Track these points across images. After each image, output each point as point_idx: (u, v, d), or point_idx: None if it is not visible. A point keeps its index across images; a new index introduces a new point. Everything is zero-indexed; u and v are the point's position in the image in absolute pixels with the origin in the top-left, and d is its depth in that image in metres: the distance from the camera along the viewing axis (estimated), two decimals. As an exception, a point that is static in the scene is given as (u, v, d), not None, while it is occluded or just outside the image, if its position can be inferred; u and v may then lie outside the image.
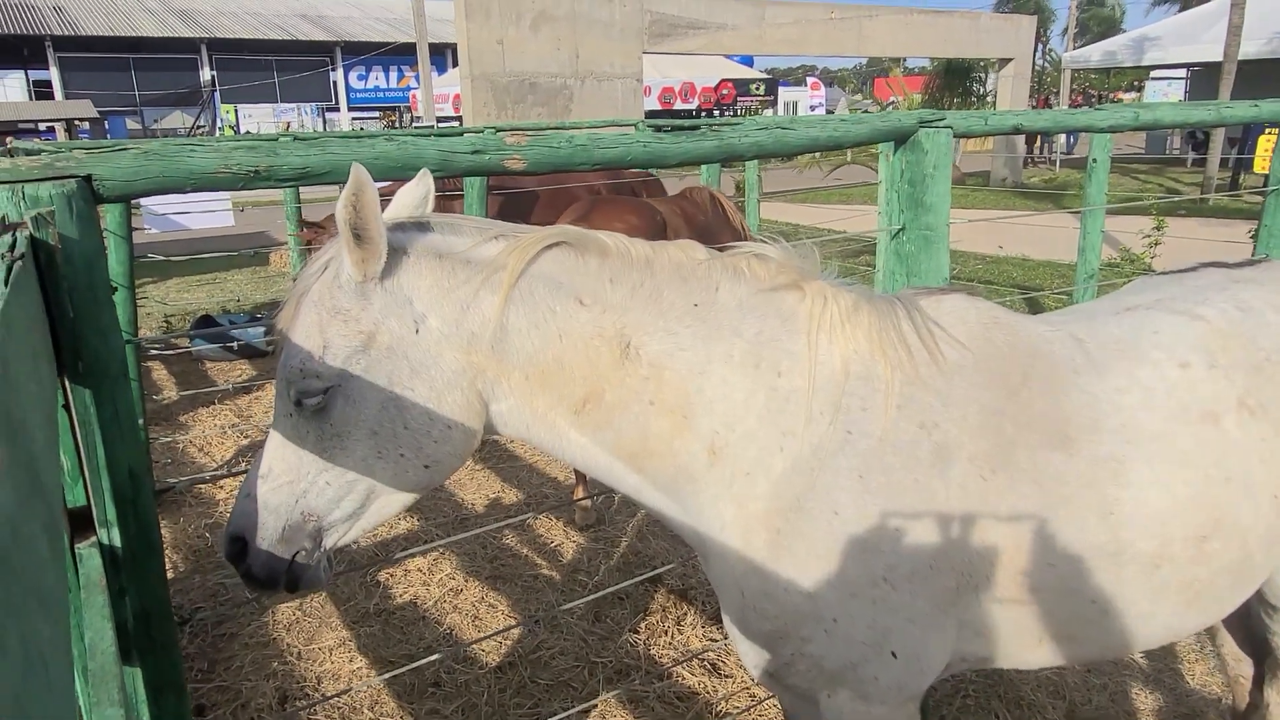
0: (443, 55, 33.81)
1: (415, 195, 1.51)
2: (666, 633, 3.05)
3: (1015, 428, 1.48)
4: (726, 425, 1.42)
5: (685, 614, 3.17)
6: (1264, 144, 14.15)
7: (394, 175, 1.46)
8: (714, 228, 3.98)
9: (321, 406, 1.31)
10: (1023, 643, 1.55)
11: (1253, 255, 3.52)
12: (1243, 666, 2.07)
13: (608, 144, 1.60)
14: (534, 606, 3.27)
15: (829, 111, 34.00)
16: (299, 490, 1.37)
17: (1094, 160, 4.87)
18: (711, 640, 3.00)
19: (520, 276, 1.36)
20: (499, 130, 9.15)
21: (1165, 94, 27.60)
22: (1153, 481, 1.48)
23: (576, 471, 3.86)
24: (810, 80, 43.16)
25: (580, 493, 3.83)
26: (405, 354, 1.33)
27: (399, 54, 35.48)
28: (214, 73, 35.26)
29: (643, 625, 3.11)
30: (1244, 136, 15.05)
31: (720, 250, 1.53)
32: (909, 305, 1.54)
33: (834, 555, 1.41)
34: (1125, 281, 6.03)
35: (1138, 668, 2.76)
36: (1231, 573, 1.55)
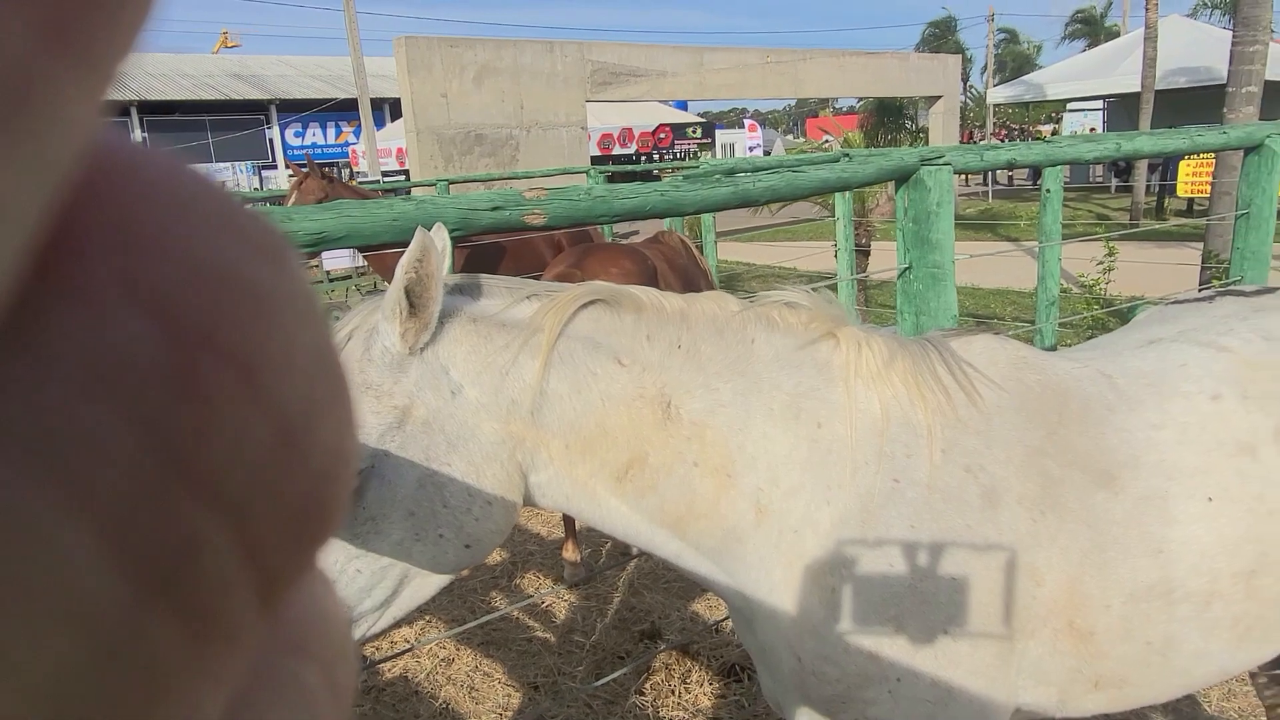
0: (381, 110, 33.75)
1: None
2: (674, 692, 2.95)
3: (1060, 467, 1.45)
4: (771, 481, 1.37)
5: (690, 670, 3.07)
6: (1185, 170, 14.79)
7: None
8: (691, 270, 3.98)
9: (353, 490, 1.22)
10: (1079, 690, 1.50)
11: (1228, 276, 3.63)
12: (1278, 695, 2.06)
13: (626, 194, 1.55)
14: (532, 672, 3.14)
15: (765, 152, 34.69)
16: None
17: (1048, 190, 5.00)
18: (720, 697, 2.91)
19: (559, 338, 1.29)
20: (452, 182, 9.07)
21: (1083, 125, 28.82)
22: (1198, 517, 1.46)
23: (566, 526, 3.75)
24: (748, 122, 44.09)
25: (570, 548, 3.72)
26: (442, 427, 1.25)
27: (335, 110, 35.33)
28: (145, 135, 34.67)
29: (648, 686, 3.00)
30: (1164, 163, 15.71)
31: (750, 300, 1.49)
32: (941, 348, 1.52)
33: (893, 611, 1.36)
34: (1084, 308, 6.18)
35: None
36: None
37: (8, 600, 0.12)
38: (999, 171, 22.70)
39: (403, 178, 16.50)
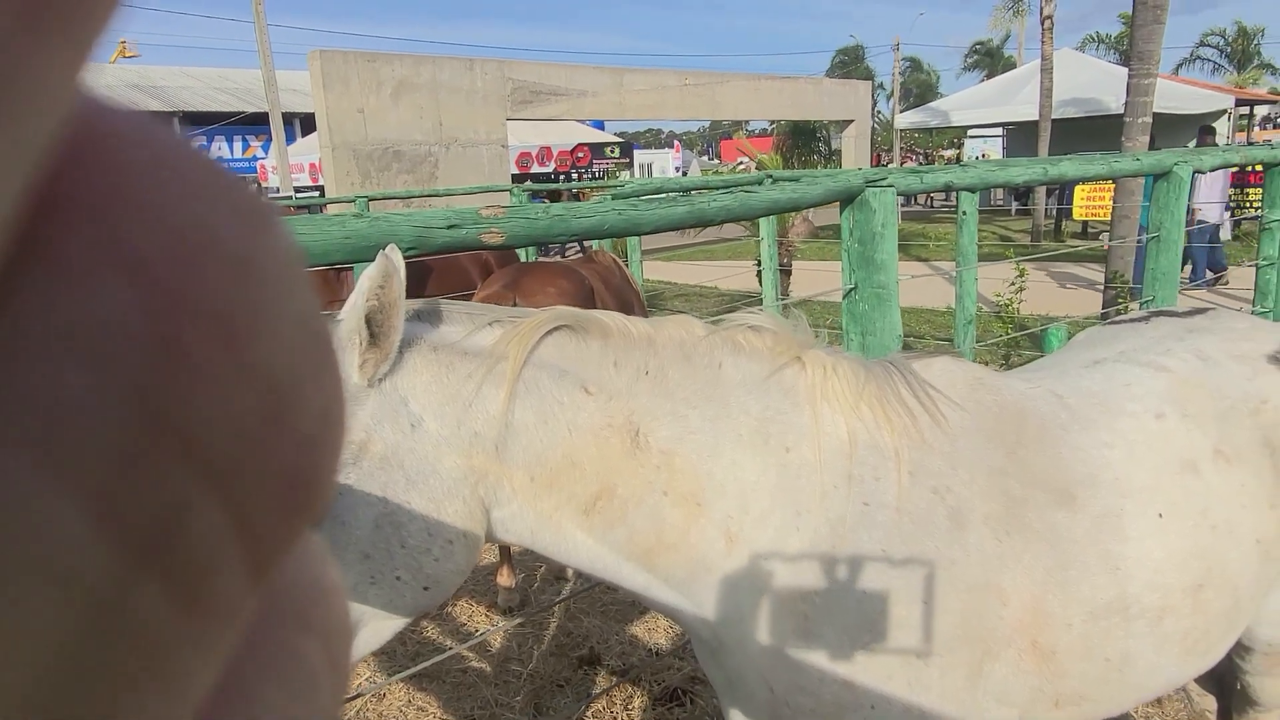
0: (291, 124, 32.81)
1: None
2: (616, 719, 2.88)
3: (1022, 487, 1.46)
4: (740, 508, 1.34)
5: (631, 696, 3.01)
6: (1080, 195, 15.56)
7: (367, 256, 1.32)
8: (624, 290, 3.95)
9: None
10: (1040, 709, 1.51)
11: (1141, 296, 3.81)
12: (1207, 700, 2.13)
13: (584, 213, 1.51)
14: (469, 705, 3.03)
15: (683, 173, 35.12)
16: None
17: (964, 213, 5.16)
18: (665, 723, 2.86)
19: (524, 366, 1.23)
20: (371, 199, 8.81)
21: (983, 151, 30.16)
22: (1150, 533, 1.50)
23: (501, 550, 3.65)
24: (675, 143, 44.67)
25: (504, 573, 3.62)
26: (400, 463, 1.17)
27: (242, 124, 34.17)
28: (34, 146, 32.80)
29: (589, 714, 2.92)
30: (1061, 188, 16.49)
31: (715, 323, 1.46)
32: (903, 369, 1.52)
33: (866, 637, 1.34)
34: (999, 328, 6.40)
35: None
36: (1224, 619, 1.58)
37: None
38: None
39: (316, 193, 16.00)
